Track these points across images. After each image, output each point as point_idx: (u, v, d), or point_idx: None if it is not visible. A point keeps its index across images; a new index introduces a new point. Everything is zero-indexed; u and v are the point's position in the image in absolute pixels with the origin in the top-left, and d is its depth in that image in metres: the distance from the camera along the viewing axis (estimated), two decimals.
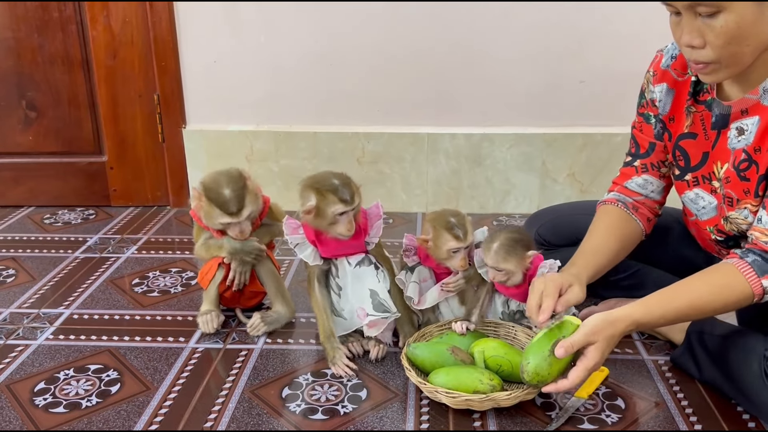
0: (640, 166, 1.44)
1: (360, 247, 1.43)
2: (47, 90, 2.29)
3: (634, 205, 1.44)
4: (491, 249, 1.35)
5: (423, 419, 1.26)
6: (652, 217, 1.47)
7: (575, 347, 1.14)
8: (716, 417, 1.25)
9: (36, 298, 1.75)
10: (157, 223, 2.27)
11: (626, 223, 1.43)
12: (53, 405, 1.31)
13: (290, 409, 1.29)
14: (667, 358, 1.43)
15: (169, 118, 2.31)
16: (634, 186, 1.45)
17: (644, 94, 1.40)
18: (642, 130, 1.43)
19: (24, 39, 2.24)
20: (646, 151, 1.43)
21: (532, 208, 2.29)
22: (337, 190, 1.33)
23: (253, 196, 1.48)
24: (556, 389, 1.16)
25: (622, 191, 1.46)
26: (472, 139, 2.26)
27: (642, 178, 1.44)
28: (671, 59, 1.33)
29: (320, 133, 2.28)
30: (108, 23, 2.21)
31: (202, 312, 1.58)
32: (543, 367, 1.17)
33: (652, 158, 1.43)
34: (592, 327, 1.14)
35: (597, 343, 1.14)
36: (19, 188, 2.40)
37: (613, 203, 1.45)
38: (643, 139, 1.43)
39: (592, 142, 2.23)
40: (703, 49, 1.11)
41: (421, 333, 1.43)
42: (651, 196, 1.45)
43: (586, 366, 1.13)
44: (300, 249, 1.42)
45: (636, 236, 1.44)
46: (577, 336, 1.14)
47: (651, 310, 1.17)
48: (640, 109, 1.43)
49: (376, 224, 1.42)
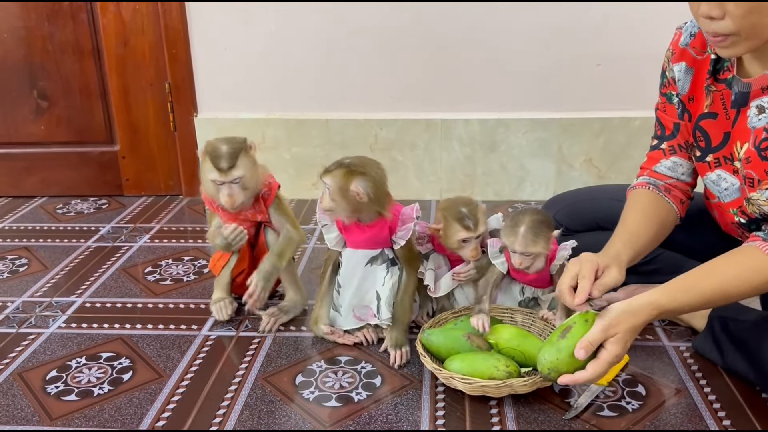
0: (667, 149, 1.39)
1: (385, 244, 1.40)
2: (58, 79, 2.28)
3: (666, 187, 1.38)
4: (518, 234, 1.31)
5: (438, 406, 1.23)
6: (686, 200, 1.40)
7: (594, 345, 1.08)
8: (740, 404, 1.22)
9: (48, 287, 1.74)
10: (170, 212, 2.26)
11: (661, 206, 1.36)
12: (65, 393, 1.30)
13: (303, 396, 1.27)
14: (688, 345, 1.40)
15: (180, 107, 2.30)
16: (664, 169, 1.39)
17: (665, 73, 1.36)
18: (666, 111, 1.38)
19: (34, 28, 2.23)
20: (671, 132, 1.38)
21: (548, 195, 2.25)
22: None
23: (250, 162, 1.42)
24: (573, 381, 1.10)
25: (651, 175, 1.40)
26: (487, 125, 2.22)
27: (671, 160, 1.38)
28: (690, 37, 1.29)
29: (332, 120, 2.26)
30: (118, 11, 2.20)
31: (214, 300, 1.56)
32: (562, 362, 1.10)
33: (679, 139, 1.37)
34: (610, 320, 1.08)
35: (618, 335, 1.08)
36: (32, 178, 2.40)
37: (644, 187, 1.39)
38: (667, 120, 1.38)
39: (609, 127, 2.19)
40: (722, 20, 1.06)
41: (436, 319, 1.41)
42: (682, 179, 1.39)
43: (606, 359, 1.08)
44: (327, 230, 1.42)
45: (672, 219, 1.37)
46: (595, 332, 1.08)
47: (675, 296, 1.12)
48: (663, 89, 1.38)
49: (406, 226, 1.38)
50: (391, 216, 1.37)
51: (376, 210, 1.35)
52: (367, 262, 1.40)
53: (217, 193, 1.42)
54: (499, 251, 1.40)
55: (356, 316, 1.43)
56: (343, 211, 1.34)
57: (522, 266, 1.35)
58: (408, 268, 1.42)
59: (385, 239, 1.39)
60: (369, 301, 1.41)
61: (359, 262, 1.41)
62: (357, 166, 1.33)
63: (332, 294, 1.46)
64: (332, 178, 1.32)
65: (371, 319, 1.41)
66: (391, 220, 1.38)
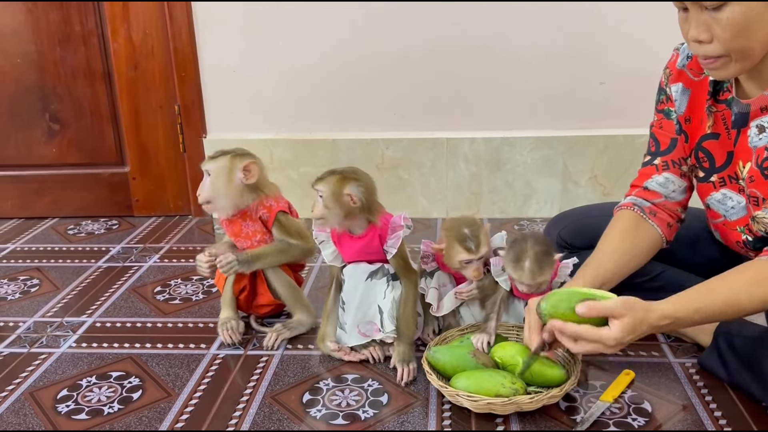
0: (660, 164, 1.39)
1: (378, 255, 1.42)
2: (70, 102, 2.33)
3: (652, 209, 1.38)
4: (524, 268, 1.32)
5: (445, 424, 1.24)
6: (674, 222, 1.40)
7: (601, 312, 1.08)
8: (747, 420, 1.22)
9: (59, 307, 1.76)
10: (179, 232, 2.29)
11: (641, 229, 1.36)
12: (76, 412, 1.31)
13: (311, 414, 1.28)
14: (694, 361, 1.40)
15: (189, 128, 2.33)
16: (655, 185, 1.39)
17: (663, 90, 1.37)
18: (662, 127, 1.39)
19: (47, 52, 2.28)
20: (667, 147, 1.38)
21: (553, 212, 2.26)
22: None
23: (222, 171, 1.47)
24: (560, 328, 1.11)
25: (640, 194, 1.40)
26: (492, 143, 2.24)
27: (663, 176, 1.38)
28: (686, 59, 1.31)
29: (339, 140, 2.28)
30: (129, 35, 2.24)
31: (221, 321, 1.57)
32: (563, 307, 1.12)
33: (674, 155, 1.37)
34: (627, 301, 1.09)
35: (623, 319, 1.08)
36: (43, 200, 2.43)
37: (629, 208, 1.39)
38: (663, 136, 1.39)
39: (614, 144, 2.20)
40: (710, 43, 1.09)
41: (442, 337, 1.42)
42: (672, 197, 1.39)
43: (600, 333, 1.07)
44: (323, 246, 1.44)
45: (653, 242, 1.37)
46: (608, 303, 1.09)
47: (685, 306, 1.12)
48: (659, 106, 1.39)
49: (396, 234, 1.40)
50: (381, 224, 1.40)
51: (367, 217, 1.38)
52: (367, 277, 1.42)
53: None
54: (502, 269, 1.41)
55: (361, 332, 1.44)
56: (335, 217, 1.37)
57: (529, 292, 1.36)
58: (405, 280, 1.43)
59: (378, 249, 1.41)
60: (372, 316, 1.42)
61: (360, 278, 1.42)
62: (349, 173, 1.38)
63: (338, 312, 1.47)
64: (325, 185, 1.36)
65: (376, 334, 1.42)
66: (381, 229, 1.40)
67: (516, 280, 1.36)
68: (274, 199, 1.54)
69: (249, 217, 1.52)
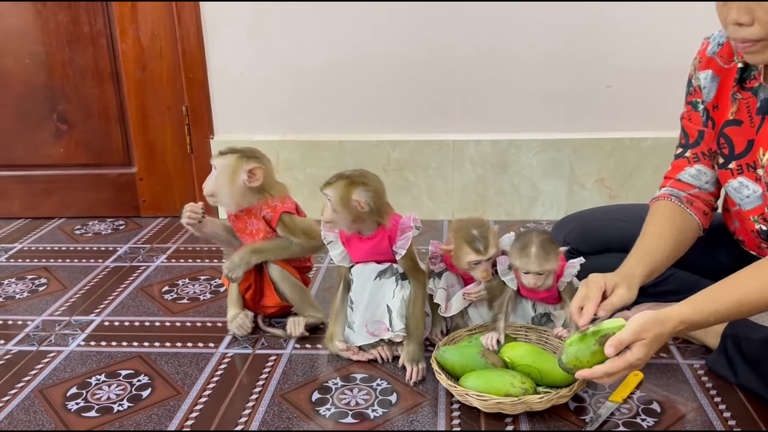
0: (691, 157, 1.41)
1: (387, 256, 1.42)
2: (78, 103, 2.34)
3: (689, 198, 1.40)
4: (530, 254, 1.33)
5: (454, 423, 1.24)
6: (709, 211, 1.42)
7: (624, 344, 1.09)
8: (756, 421, 1.22)
9: (67, 306, 1.77)
10: (186, 232, 2.29)
11: (681, 219, 1.37)
12: (85, 409, 1.32)
13: (320, 413, 1.28)
14: (702, 362, 1.40)
15: (197, 129, 2.34)
16: (687, 177, 1.41)
17: (691, 81, 1.39)
18: (690, 119, 1.40)
19: (55, 53, 2.29)
20: (695, 140, 1.40)
21: (559, 215, 2.27)
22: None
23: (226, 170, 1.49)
24: (591, 375, 1.11)
25: (675, 185, 1.42)
26: (498, 146, 2.25)
27: (695, 168, 1.40)
28: (717, 46, 1.32)
29: (345, 141, 2.29)
30: (137, 36, 2.25)
31: (230, 317, 1.58)
32: (585, 354, 1.12)
33: (703, 147, 1.39)
34: (642, 324, 1.09)
35: (645, 340, 1.09)
36: (51, 200, 2.44)
37: (666, 198, 1.40)
38: (691, 128, 1.40)
39: (620, 147, 2.21)
40: (751, 26, 1.10)
41: (450, 337, 1.42)
42: (705, 188, 1.41)
43: (628, 360, 1.08)
44: (332, 246, 1.44)
45: (693, 231, 1.38)
46: (625, 333, 1.09)
47: (700, 308, 1.12)
48: (688, 98, 1.40)
49: (405, 235, 1.40)
50: (390, 226, 1.40)
51: (376, 220, 1.38)
52: (376, 277, 1.42)
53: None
54: (508, 268, 1.41)
55: (369, 331, 1.44)
56: (344, 221, 1.38)
57: (535, 286, 1.36)
58: (414, 280, 1.43)
59: (387, 250, 1.41)
60: (381, 316, 1.43)
61: (368, 277, 1.42)
62: (357, 177, 1.38)
63: (346, 311, 1.48)
64: (334, 190, 1.36)
65: (384, 333, 1.42)
66: (390, 230, 1.40)
67: (522, 268, 1.35)
68: (280, 200, 1.54)
69: (253, 215, 1.53)
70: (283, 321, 1.60)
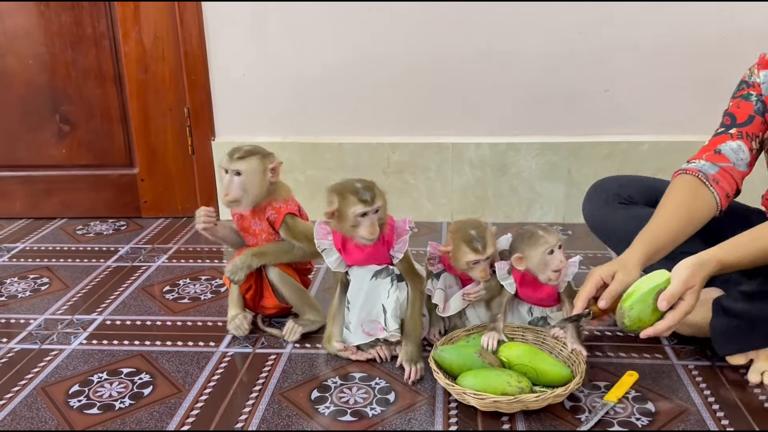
0: (735, 133, 1.47)
1: (385, 260, 1.44)
2: (80, 104, 2.35)
3: (716, 177, 1.44)
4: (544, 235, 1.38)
5: (451, 421, 1.26)
6: (731, 194, 1.46)
7: (677, 296, 1.18)
8: (749, 421, 1.24)
9: (69, 305, 1.78)
10: (187, 233, 2.31)
11: (699, 198, 1.42)
12: (87, 406, 1.33)
13: (319, 411, 1.30)
14: (697, 363, 1.42)
15: (198, 131, 2.36)
16: (728, 150, 1.46)
17: (745, 81, 1.49)
18: (740, 107, 1.48)
19: (58, 54, 2.31)
20: (744, 120, 1.47)
21: (557, 217, 2.29)
22: (358, 192, 1.34)
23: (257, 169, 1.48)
24: (654, 332, 1.19)
25: (710, 158, 1.46)
26: (497, 149, 2.27)
27: (737, 143, 1.46)
28: None
29: (346, 144, 2.31)
30: (140, 38, 2.27)
31: (230, 317, 1.60)
32: (646, 314, 1.20)
33: (749, 128, 1.47)
34: (687, 274, 1.18)
35: (695, 287, 1.18)
36: (53, 200, 2.46)
37: (692, 173, 1.44)
38: (741, 113, 1.48)
39: (618, 151, 2.22)
40: None
41: (448, 337, 1.44)
42: (739, 165, 1.46)
43: (683, 310, 1.18)
44: (326, 254, 1.45)
45: (708, 210, 1.42)
46: (675, 285, 1.18)
47: (734, 250, 1.23)
48: (738, 93, 1.50)
49: (402, 239, 1.42)
50: (387, 230, 1.40)
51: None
52: (372, 276, 1.43)
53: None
54: (507, 273, 1.43)
55: (365, 331, 1.45)
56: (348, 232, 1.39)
57: (561, 266, 1.37)
58: (412, 283, 1.45)
59: (384, 254, 1.42)
60: (376, 315, 1.44)
61: (365, 278, 1.44)
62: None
63: (343, 312, 1.49)
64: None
65: (380, 333, 1.44)
66: (387, 234, 1.41)
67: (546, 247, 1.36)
68: (284, 202, 1.56)
69: (257, 215, 1.55)
70: (284, 321, 1.61)
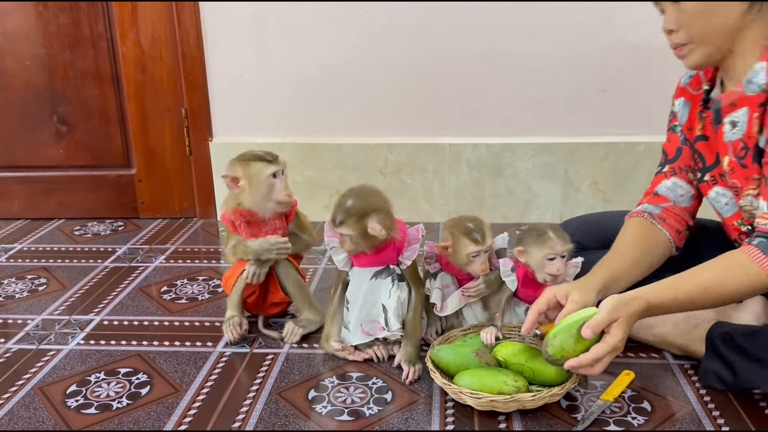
0: (668, 171, 1.50)
1: (391, 262, 1.44)
2: (78, 105, 2.36)
3: (661, 215, 1.47)
4: (552, 237, 1.38)
5: (448, 421, 1.26)
6: (682, 230, 1.48)
7: (600, 326, 1.16)
8: (745, 421, 1.24)
9: (67, 306, 1.79)
10: (185, 233, 2.31)
11: (650, 234, 1.45)
12: (85, 406, 1.34)
13: (316, 410, 1.30)
14: (693, 362, 1.42)
15: (196, 132, 2.36)
16: (663, 190, 1.49)
17: (672, 110, 1.51)
18: (669, 141, 1.51)
19: (56, 55, 2.31)
20: (673, 156, 1.50)
21: (554, 218, 2.30)
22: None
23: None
24: (579, 363, 1.17)
25: (651, 201, 1.50)
26: (494, 149, 2.27)
27: (671, 181, 1.49)
28: (689, 78, 1.46)
29: (344, 144, 2.31)
30: (137, 40, 2.27)
31: (226, 318, 1.59)
32: (569, 343, 1.18)
33: (680, 162, 1.49)
34: (612, 306, 1.16)
35: (619, 320, 1.16)
36: (50, 201, 2.46)
37: (638, 215, 1.49)
38: (670, 148, 1.51)
39: (615, 151, 2.23)
40: (678, 32, 1.26)
41: (445, 336, 1.45)
42: (679, 202, 1.48)
43: (610, 342, 1.15)
44: (335, 252, 1.45)
45: (662, 246, 1.45)
46: (600, 316, 1.16)
47: (663, 292, 1.19)
48: (668, 125, 1.52)
49: (413, 247, 1.43)
50: (399, 237, 1.41)
51: (390, 236, 1.40)
52: (372, 276, 1.44)
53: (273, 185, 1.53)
54: (511, 270, 1.44)
55: (364, 331, 1.46)
56: (364, 247, 1.40)
57: (559, 272, 1.38)
58: (415, 286, 1.46)
59: (392, 259, 1.44)
60: (376, 315, 1.45)
61: (365, 277, 1.44)
62: (364, 207, 1.36)
63: (342, 312, 1.50)
64: (348, 228, 1.36)
65: (380, 332, 1.44)
66: (398, 241, 1.42)
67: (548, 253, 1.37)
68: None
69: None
70: (282, 321, 1.62)
